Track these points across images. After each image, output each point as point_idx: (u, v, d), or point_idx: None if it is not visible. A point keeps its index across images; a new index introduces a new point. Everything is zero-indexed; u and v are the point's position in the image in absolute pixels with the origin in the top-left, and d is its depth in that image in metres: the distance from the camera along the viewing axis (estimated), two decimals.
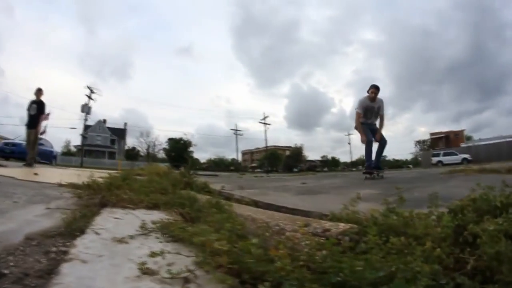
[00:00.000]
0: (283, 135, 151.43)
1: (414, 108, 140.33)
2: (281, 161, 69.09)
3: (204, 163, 63.66)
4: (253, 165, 73.33)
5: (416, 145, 76.20)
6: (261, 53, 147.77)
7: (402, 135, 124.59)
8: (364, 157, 7.42)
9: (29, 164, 9.96)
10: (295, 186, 5.13)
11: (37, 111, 10.32)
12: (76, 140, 57.47)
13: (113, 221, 2.36)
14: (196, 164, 49.42)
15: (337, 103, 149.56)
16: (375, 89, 7.67)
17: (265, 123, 62.36)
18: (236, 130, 64.56)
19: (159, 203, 3.03)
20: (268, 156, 63.83)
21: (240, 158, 72.33)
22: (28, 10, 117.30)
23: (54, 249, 1.68)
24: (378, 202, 2.19)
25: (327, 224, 1.63)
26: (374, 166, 7.23)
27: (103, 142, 59.54)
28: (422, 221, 1.27)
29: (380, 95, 7.88)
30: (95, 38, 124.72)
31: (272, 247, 1.25)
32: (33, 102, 10.40)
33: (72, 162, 36.06)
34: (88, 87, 45.76)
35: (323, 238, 1.38)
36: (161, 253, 1.50)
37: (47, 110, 10.92)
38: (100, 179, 5.34)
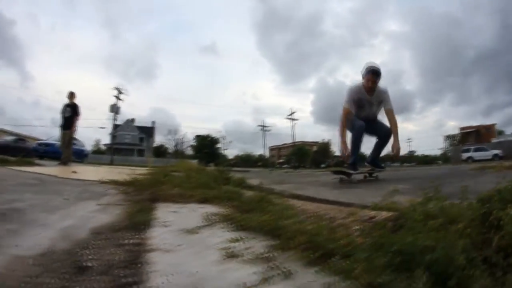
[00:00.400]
0: (310, 131, 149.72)
1: (442, 101, 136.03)
2: (308, 156, 67.25)
3: (231, 159, 63.79)
4: (281, 161, 72.07)
5: (445, 140, 73.88)
6: (285, 49, 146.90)
7: (431, 130, 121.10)
8: (350, 150, 5.23)
9: (64, 163, 10.53)
10: (329, 181, 5.25)
11: (71, 113, 10.93)
12: (105, 139, 59.31)
13: (172, 215, 2.43)
14: (224, 161, 50.12)
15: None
16: (373, 75, 5.17)
17: (292, 119, 62.17)
18: (263, 126, 64.78)
19: (208, 197, 3.16)
20: (296, 151, 63.18)
21: (267, 154, 72.08)
22: (52, 17, 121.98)
23: (126, 241, 1.75)
24: (412, 195, 2.37)
25: (372, 213, 1.87)
26: (370, 162, 5.68)
27: (132, 140, 61.36)
28: (455, 207, 1.51)
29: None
30: (119, 41, 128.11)
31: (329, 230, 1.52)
32: (67, 105, 11.01)
33: (102, 160, 36.98)
34: (116, 88, 47.45)
35: (370, 224, 1.64)
36: (241, 239, 1.64)
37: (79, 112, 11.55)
38: (139, 176, 5.63)
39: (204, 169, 9.05)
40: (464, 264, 1.01)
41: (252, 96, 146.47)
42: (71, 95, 11.20)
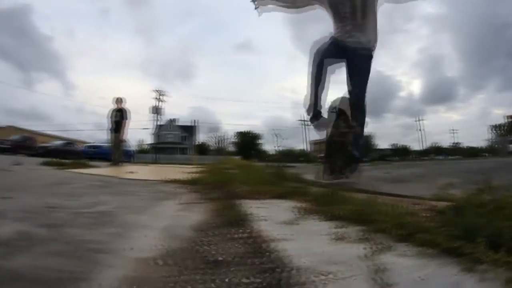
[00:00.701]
0: None
1: (487, 87, 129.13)
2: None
3: (273, 155, 63.40)
4: (322, 155, 69.49)
5: (491, 130, 68.53)
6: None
7: (475, 119, 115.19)
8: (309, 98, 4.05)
9: (115, 164, 11.55)
10: (382, 176, 5.50)
11: (120, 118, 11.99)
12: (148, 139, 61.61)
13: (261, 210, 2.60)
14: (266, 156, 50.42)
15: (405, 86, 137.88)
16: None
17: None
18: (304, 120, 64.32)
19: (281, 193, 3.38)
20: None
21: (309, 148, 70.59)
22: (87, 29, 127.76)
23: (235, 236, 1.85)
24: (463, 188, 2.64)
25: (433, 203, 2.32)
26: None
27: (174, 139, 63.59)
28: (503, 197, 1.93)
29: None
30: (154, 45, 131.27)
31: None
32: (116, 110, 12.11)
33: (147, 159, 38.50)
34: (157, 91, 49.65)
35: (434, 211, 2.09)
36: (341, 226, 1.98)
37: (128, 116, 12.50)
38: (198, 175, 6.08)
39: (255, 166, 9.53)
40: (511, 238, 1.43)
41: (291, 90, 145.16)
42: (120, 100, 12.27)
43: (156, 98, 51.01)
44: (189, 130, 65.65)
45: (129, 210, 2.70)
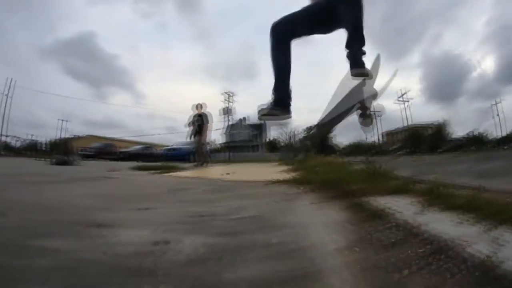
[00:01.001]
0: (422, 111, 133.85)
1: None
2: (423, 140, 55.91)
3: (344, 148, 61.23)
4: (394, 147, 61.64)
5: None
6: (380, 25, 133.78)
7: None
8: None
9: (200, 165, 12.68)
10: (468, 171, 5.71)
11: (201, 122, 13.08)
12: (220, 138, 64.00)
13: (389, 204, 2.81)
14: (336, 150, 49.36)
15: (476, 66, 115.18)
16: None
17: (403, 101, 57.21)
18: (374, 112, 61.26)
19: (391, 190, 3.65)
20: (411, 136, 56.81)
21: (383, 139, 65.91)
22: (149, 44, 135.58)
23: (387, 225, 2.16)
24: None
25: None
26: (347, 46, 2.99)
27: (245, 138, 65.94)
28: None
29: None
30: (215, 49, 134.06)
31: None
32: (198, 115, 13.19)
33: (220, 157, 40.67)
34: (226, 93, 52.15)
35: None
36: (459, 214, 2.43)
37: (209, 120, 13.60)
38: (296, 174, 6.40)
39: (339, 162, 10.06)
40: None
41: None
42: (200, 106, 13.38)
43: (226, 100, 53.33)
44: (259, 128, 66.30)
45: (276, 212, 2.83)
